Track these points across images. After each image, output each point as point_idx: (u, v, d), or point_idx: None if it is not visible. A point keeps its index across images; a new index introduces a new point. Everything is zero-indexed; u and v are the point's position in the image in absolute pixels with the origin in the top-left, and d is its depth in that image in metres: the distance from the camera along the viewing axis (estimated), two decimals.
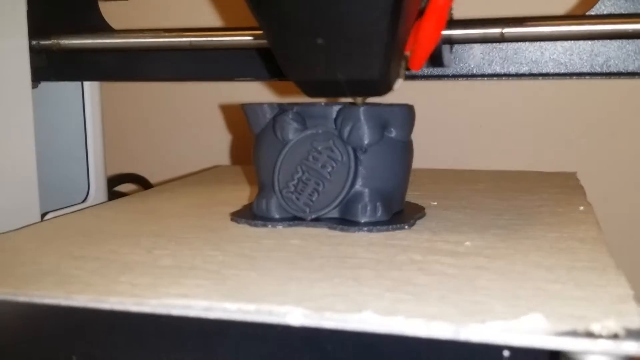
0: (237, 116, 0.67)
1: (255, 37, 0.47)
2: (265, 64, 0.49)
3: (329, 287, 0.24)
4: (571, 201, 0.39)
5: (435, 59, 0.39)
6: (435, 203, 0.40)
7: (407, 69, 0.33)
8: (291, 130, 0.34)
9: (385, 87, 0.32)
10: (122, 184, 0.66)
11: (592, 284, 0.24)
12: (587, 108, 0.59)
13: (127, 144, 0.71)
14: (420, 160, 0.40)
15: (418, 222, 0.34)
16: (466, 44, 0.46)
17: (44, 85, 0.51)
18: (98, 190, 0.54)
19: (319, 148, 0.34)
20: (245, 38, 0.47)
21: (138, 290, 0.24)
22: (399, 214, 0.35)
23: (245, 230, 0.33)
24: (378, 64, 0.29)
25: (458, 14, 0.42)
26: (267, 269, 0.26)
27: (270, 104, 0.36)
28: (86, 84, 0.53)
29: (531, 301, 0.22)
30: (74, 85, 0.53)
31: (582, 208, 0.37)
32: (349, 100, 0.34)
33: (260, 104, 0.36)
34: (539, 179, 0.48)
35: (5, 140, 0.44)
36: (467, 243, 0.30)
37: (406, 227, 0.33)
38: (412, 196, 0.41)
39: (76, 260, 0.28)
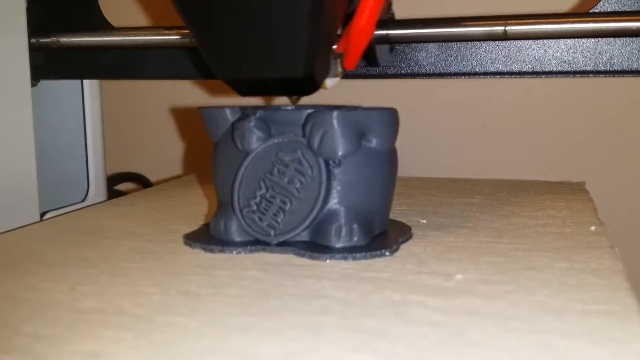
0: None
1: None
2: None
3: (281, 342, 0.19)
4: (581, 219, 0.34)
5: (369, 58, 0.40)
6: (425, 221, 0.35)
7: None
8: (253, 139, 0.29)
9: (312, 85, 0.30)
10: (122, 183, 0.64)
11: (612, 339, 0.19)
12: (591, 107, 0.55)
13: (127, 143, 0.69)
14: (410, 168, 0.36)
15: (402, 246, 0.29)
16: (466, 42, 0.44)
17: (44, 83, 0.50)
18: (98, 189, 0.52)
19: (286, 160, 0.29)
20: None
21: (39, 346, 0.19)
22: (380, 236, 0.30)
23: (197, 257, 0.28)
24: (301, 62, 0.28)
25: (461, 10, 0.39)
26: (209, 315, 0.21)
27: (232, 108, 0.31)
28: (86, 82, 0.52)
29: None
30: (74, 83, 0.52)
31: (593, 228, 0.32)
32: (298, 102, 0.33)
33: (221, 107, 0.31)
34: (544, 190, 0.43)
35: (4, 139, 0.43)
36: (459, 276, 0.25)
37: (387, 253, 0.28)
38: (398, 212, 0.36)
39: None
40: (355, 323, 0.20)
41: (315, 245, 0.28)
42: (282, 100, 0.33)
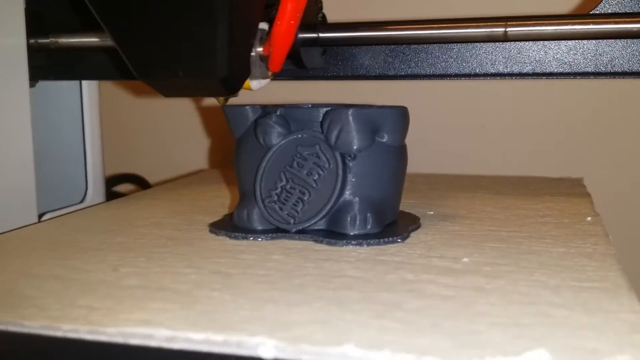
0: None
1: None
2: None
3: (309, 312, 0.21)
4: (578, 211, 0.37)
5: (295, 60, 0.40)
6: (432, 212, 0.37)
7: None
8: (274, 135, 0.31)
9: (230, 87, 0.32)
10: (120, 184, 0.65)
11: (603, 309, 0.21)
12: (591, 108, 0.57)
13: (126, 144, 0.70)
14: (417, 165, 0.38)
15: (412, 234, 0.32)
16: (466, 44, 0.44)
17: (42, 84, 0.50)
18: (96, 190, 0.53)
19: (305, 154, 0.31)
20: None
21: (96, 316, 0.21)
22: (391, 225, 0.32)
23: (224, 243, 0.31)
24: (214, 62, 0.29)
25: (462, 11, 0.40)
26: (242, 290, 0.24)
27: (253, 106, 0.33)
28: (84, 83, 0.52)
29: (535, 330, 0.19)
30: (72, 84, 0.52)
31: (589, 219, 0.34)
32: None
33: (243, 106, 0.33)
34: (543, 185, 0.46)
35: (2, 140, 0.43)
36: (465, 259, 0.27)
37: (399, 240, 0.30)
38: (407, 204, 0.39)
39: (35, 278, 0.25)
40: (374, 297, 0.23)
41: (332, 233, 0.31)
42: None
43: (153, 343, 0.19)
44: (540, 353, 0.17)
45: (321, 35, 0.42)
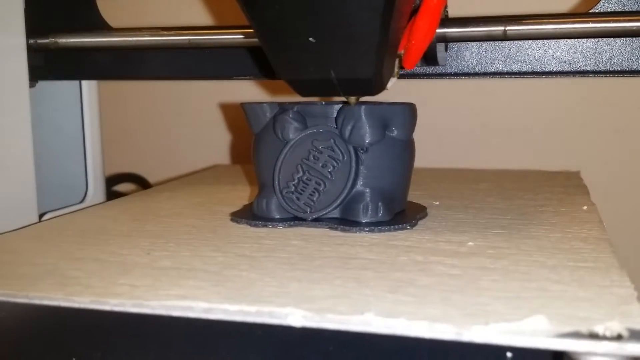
0: (237, 115, 0.66)
1: (247, 35, 0.46)
2: (256, 62, 0.49)
3: (330, 288, 0.23)
4: (574, 201, 0.39)
5: (429, 58, 0.39)
6: (438, 203, 0.39)
7: (402, 67, 0.33)
8: (292, 130, 0.34)
9: (378, 86, 0.32)
10: (120, 184, 0.66)
11: (596, 285, 0.23)
12: (591, 107, 0.59)
13: (126, 144, 0.70)
14: (422, 160, 0.40)
15: (420, 222, 0.34)
16: (466, 42, 0.45)
17: (42, 84, 0.51)
18: (96, 190, 0.53)
19: (320, 147, 0.33)
20: (244, 37, 0.47)
21: (138, 292, 0.23)
22: (400, 214, 0.35)
23: (245, 230, 0.33)
24: (371, 62, 0.29)
25: (461, 11, 0.41)
26: (267, 270, 0.26)
27: (271, 103, 0.36)
28: (84, 82, 0.53)
29: (534, 302, 0.22)
30: (72, 84, 0.52)
31: (585, 208, 0.37)
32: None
33: (260, 103, 0.36)
34: (542, 178, 0.48)
35: (2, 140, 0.43)
36: (470, 243, 0.30)
37: (408, 227, 0.33)
38: (414, 196, 0.41)
39: (75, 261, 0.28)
40: (388, 275, 0.25)
41: (346, 221, 0.33)
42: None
43: (192, 314, 0.22)
44: (538, 318, 0.20)
45: (449, 30, 0.41)
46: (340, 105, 0.33)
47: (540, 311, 0.21)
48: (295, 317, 0.21)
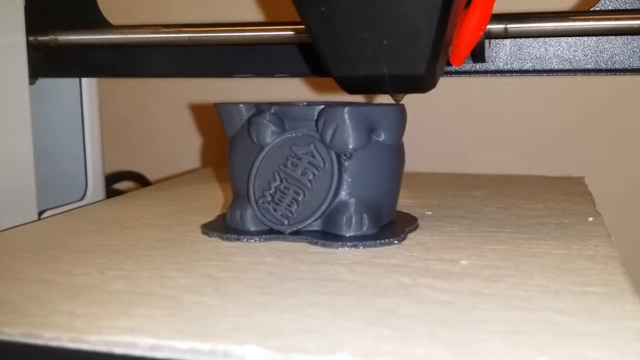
0: None
1: (247, 32, 0.46)
2: (257, 60, 0.48)
3: (301, 319, 0.20)
4: (579, 210, 0.36)
5: (477, 54, 0.39)
6: (430, 213, 0.36)
7: (448, 64, 0.32)
8: (268, 133, 0.30)
9: (430, 83, 0.31)
10: (120, 182, 0.65)
11: (606, 316, 0.20)
12: (591, 105, 0.56)
13: (126, 141, 0.69)
14: (415, 163, 0.37)
15: (410, 235, 0.31)
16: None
17: (42, 81, 0.50)
18: (96, 187, 0.53)
19: (299, 153, 0.30)
20: (245, 34, 0.46)
21: (78, 323, 0.20)
22: (388, 226, 0.32)
23: (216, 245, 0.30)
24: (425, 59, 0.28)
25: None
26: (232, 295, 0.23)
27: (247, 104, 0.32)
28: (84, 80, 0.52)
29: (536, 339, 0.19)
30: (72, 81, 0.52)
31: (591, 219, 0.34)
32: (348, 99, 0.33)
33: (236, 104, 0.32)
34: (544, 184, 0.45)
35: (2, 138, 0.43)
36: (463, 262, 0.26)
37: (395, 242, 0.29)
38: (404, 204, 0.38)
39: (18, 282, 0.25)
40: (369, 302, 0.22)
41: (327, 235, 0.30)
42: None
43: (137, 352, 0.19)
44: None
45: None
46: (322, 106, 0.30)
47: (543, 350, 0.18)
48: (255, 357, 0.18)
